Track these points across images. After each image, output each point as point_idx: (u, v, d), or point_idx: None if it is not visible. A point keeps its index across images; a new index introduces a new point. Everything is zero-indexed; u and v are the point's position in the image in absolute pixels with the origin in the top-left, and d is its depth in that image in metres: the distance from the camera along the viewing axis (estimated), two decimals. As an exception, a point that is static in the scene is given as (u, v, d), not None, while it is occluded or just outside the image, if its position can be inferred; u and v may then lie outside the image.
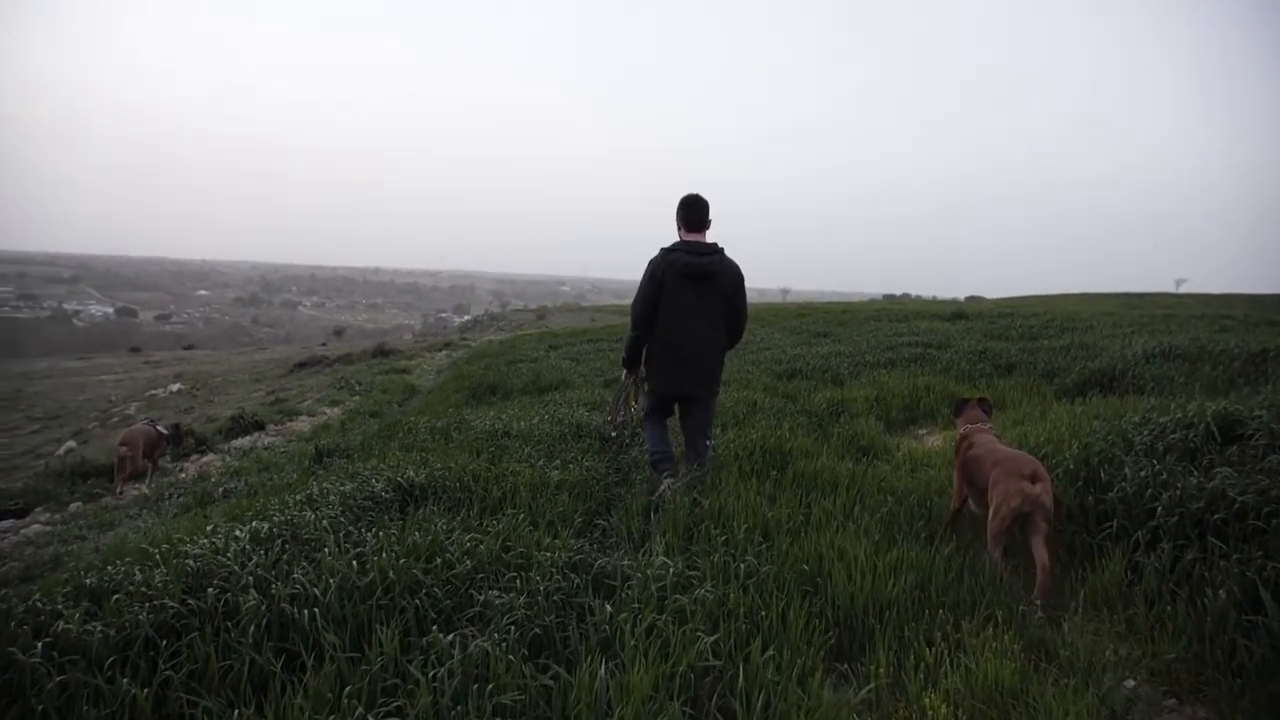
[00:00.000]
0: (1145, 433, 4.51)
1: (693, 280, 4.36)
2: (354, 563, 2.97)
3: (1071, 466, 4.24)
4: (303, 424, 11.59)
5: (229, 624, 2.57)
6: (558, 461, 5.21)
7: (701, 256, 4.38)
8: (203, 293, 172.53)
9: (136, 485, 7.66)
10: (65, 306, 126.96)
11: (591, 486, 4.65)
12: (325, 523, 3.50)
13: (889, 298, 68.19)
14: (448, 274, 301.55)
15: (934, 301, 33.56)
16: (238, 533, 3.38)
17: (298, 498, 4.16)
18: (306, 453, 7.07)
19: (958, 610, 3.06)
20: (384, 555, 3.04)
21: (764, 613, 2.79)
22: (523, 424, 6.39)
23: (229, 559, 2.99)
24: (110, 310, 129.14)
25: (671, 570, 3.06)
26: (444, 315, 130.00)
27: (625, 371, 4.85)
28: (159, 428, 8.60)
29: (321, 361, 27.25)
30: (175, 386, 27.05)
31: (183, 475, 8.21)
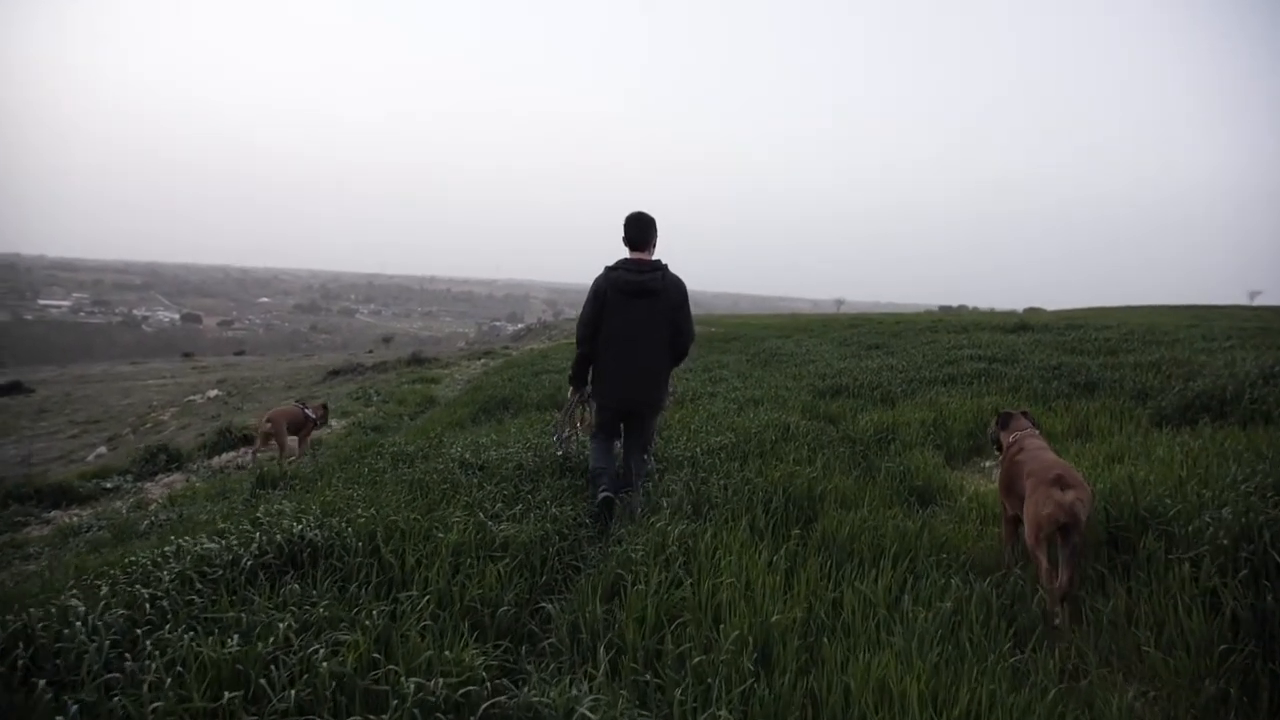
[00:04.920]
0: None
1: (634, 297, 4.37)
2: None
3: (1223, 541, 2.92)
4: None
5: None
6: (519, 506, 4.07)
7: (642, 274, 4.38)
8: (264, 300, 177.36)
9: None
10: (135, 312, 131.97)
11: (549, 548, 3.49)
12: (105, 619, 2.41)
13: (945, 309, 65.15)
14: (503, 283, 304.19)
15: (992, 313, 31.27)
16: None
17: (147, 558, 3.11)
18: (266, 478, 6.08)
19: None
20: (146, 690, 1.93)
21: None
22: (494, 454, 5.27)
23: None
24: (176, 316, 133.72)
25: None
26: (498, 324, 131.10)
27: (571, 390, 4.84)
28: (306, 410, 9.01)
29: (356, 369, 26.77)
30: (213, 393, 26.96)
31: (130, 498, 7.37)
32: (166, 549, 3.17)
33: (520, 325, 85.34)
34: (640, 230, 4.46)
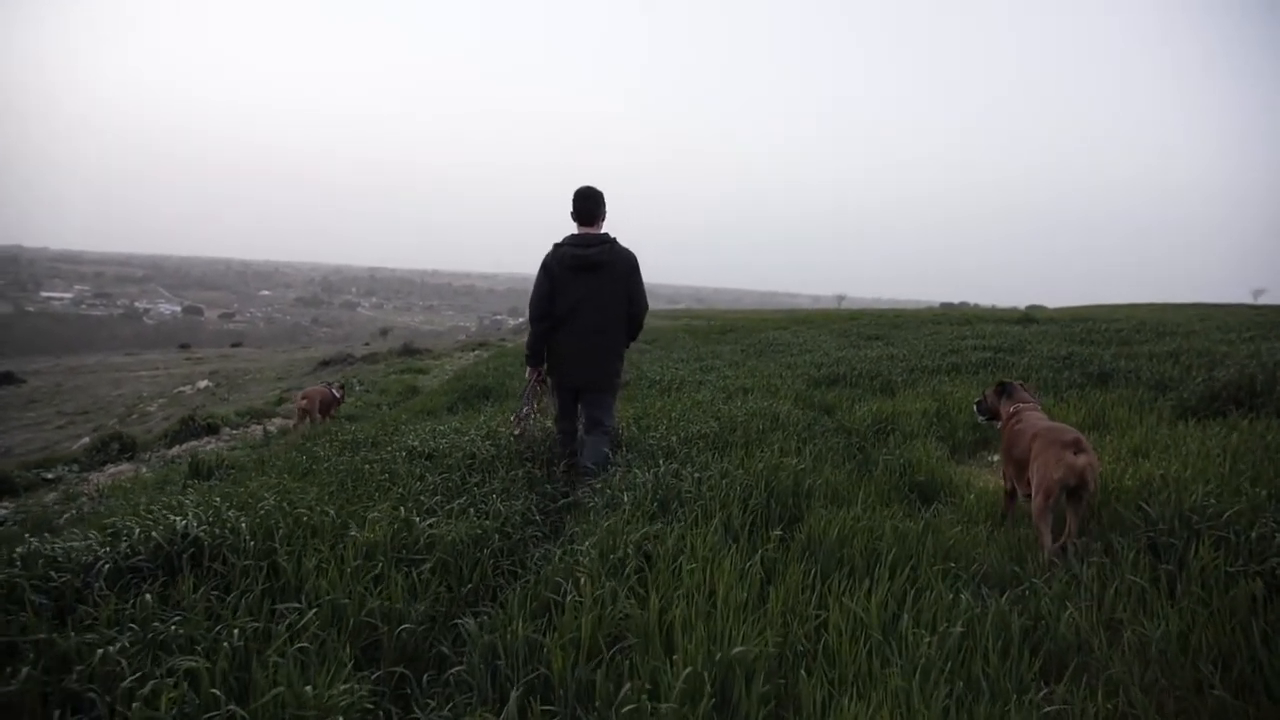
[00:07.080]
0: None
1: (582, 272, 4.34)
2: None
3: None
4: (272, 425, 10.28)
5: None
6: (463, 498, 3.54)
7: (589, 248, 4.35)
8: (265, 293, 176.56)
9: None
10: (137, 305, 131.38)
11: (484, 549, 2.96)
12: None
13: (946, 306, 64.25)
14: (504, 276, 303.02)
15: (994, 310, 30.65)
16: None
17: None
18: (200, 467, 5.57)
19: None
20: None
21: None
22: (446, 441, 4.74)
23: None
24: (178, 309, 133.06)
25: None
26: (499, 317, 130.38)
27: (529, 370, 4.70)
28: (333, 390, 9.68)
29: (346, 360, 26.29)
30: (203, 384, 26.53)
31: (73, 487, 6.85)
32: (17, 550, 2.64)
33: (521, 319, 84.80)
34: (586, 204, 4.44)
